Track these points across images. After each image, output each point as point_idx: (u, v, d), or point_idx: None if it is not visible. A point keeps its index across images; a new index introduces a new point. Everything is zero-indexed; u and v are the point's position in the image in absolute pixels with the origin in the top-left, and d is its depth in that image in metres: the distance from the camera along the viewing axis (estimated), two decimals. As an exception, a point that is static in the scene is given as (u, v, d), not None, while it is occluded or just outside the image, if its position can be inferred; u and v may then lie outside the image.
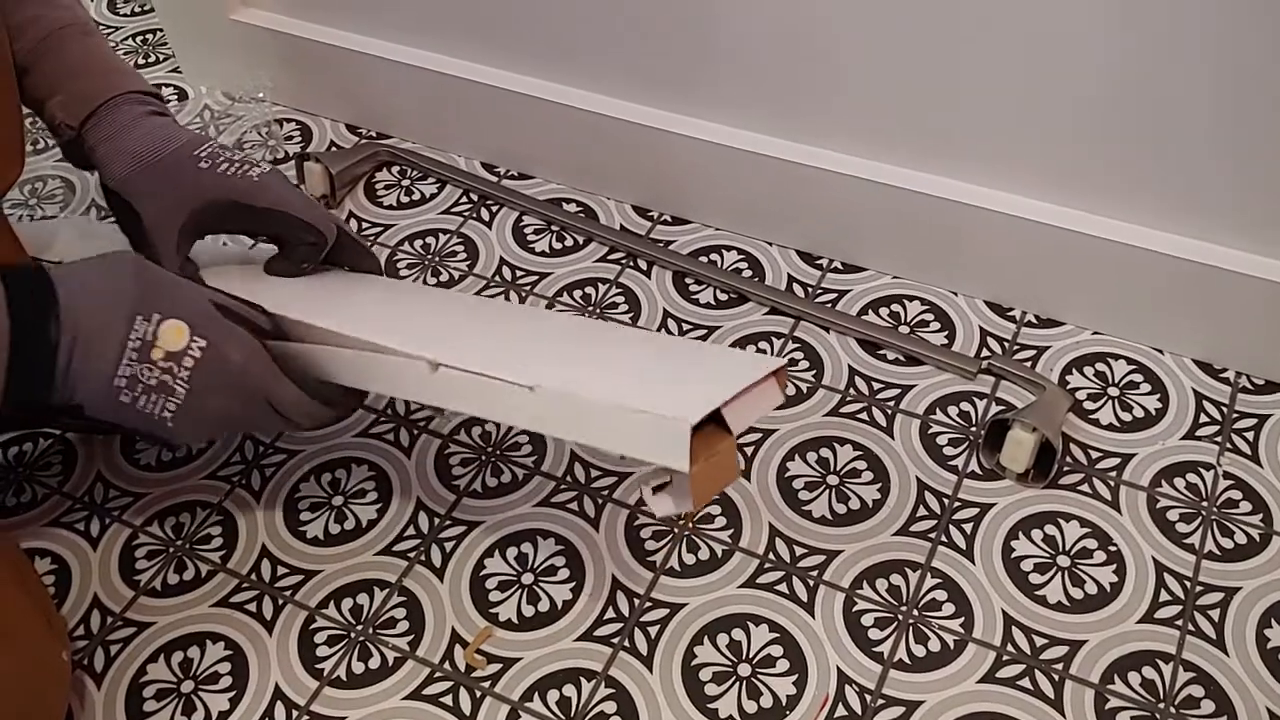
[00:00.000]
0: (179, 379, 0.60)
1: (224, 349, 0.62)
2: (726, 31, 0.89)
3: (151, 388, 0.60)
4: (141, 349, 0.59)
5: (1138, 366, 0.89)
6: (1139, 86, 0.77)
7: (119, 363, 0.59)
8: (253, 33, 1.10)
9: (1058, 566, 0.77)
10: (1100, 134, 0.81)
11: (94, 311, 0.59)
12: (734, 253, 1.00)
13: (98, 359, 0.59)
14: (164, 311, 0.61)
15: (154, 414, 0.61)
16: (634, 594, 0.76)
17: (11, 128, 0.67)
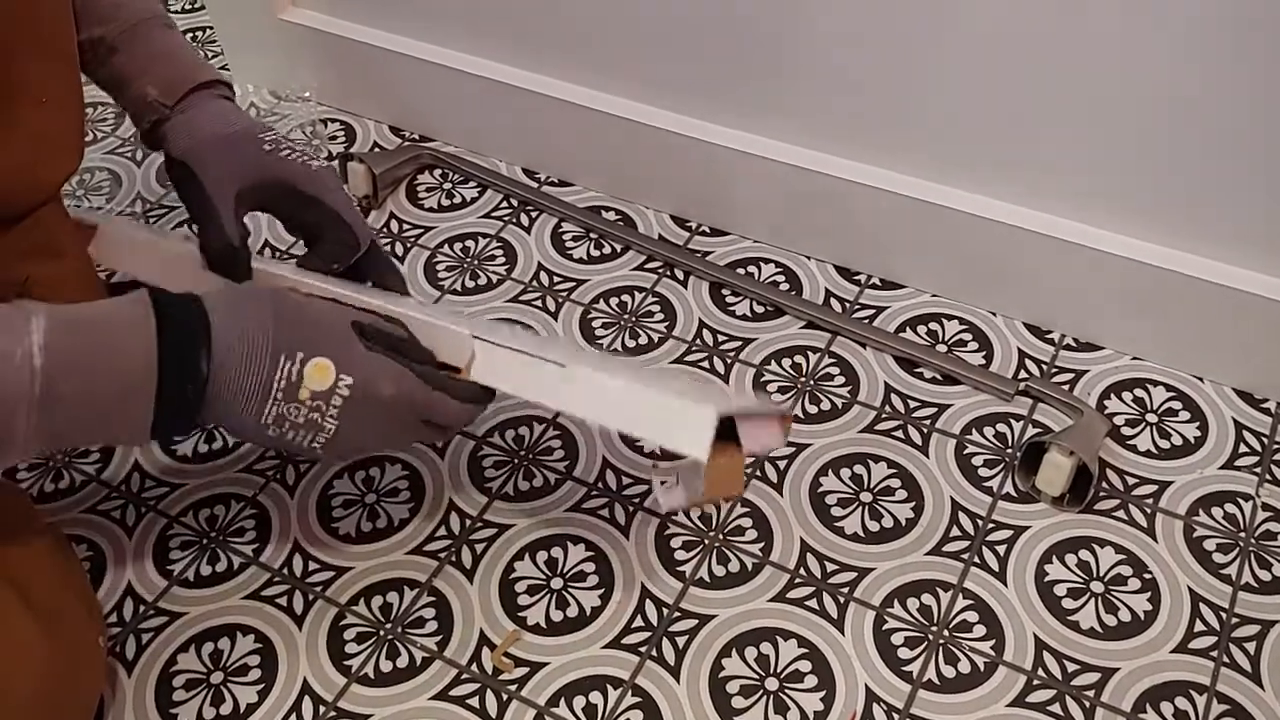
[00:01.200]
0: (328, 416, 0.60)
1: (373, 386, 0.61)
2: (771, 45, 0.89)
3: (299, 425, 0.60)
4: (288, 389, 0.59)
5: (1177, 394, 0.88)
6: (1186, 114, 0.77)
7: (266, 402, 0.58)
8: (301, 33, 1.12)
9: (1091, 592, 0.76)
10: (1145, 160, 0.81)
11: (241, 348, 0.58)
12: (771, 265, 1.00)
13: (245, 397, 0.58)
14: (306, 351, 0.59)
15: (303, 445, 0.61)
16: (663, 603, 0.76)
17: (74, 121, 0.68)
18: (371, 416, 0.62)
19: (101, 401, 0.55)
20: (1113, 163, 0.82)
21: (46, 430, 0.54)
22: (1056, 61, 0.79)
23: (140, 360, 0.56)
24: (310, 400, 0.59)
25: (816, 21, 0.86)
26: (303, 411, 0.59)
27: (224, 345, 0.58)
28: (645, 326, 0.95)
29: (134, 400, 0.56)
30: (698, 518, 0.81)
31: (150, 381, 0.56)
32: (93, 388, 0.55)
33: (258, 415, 0.59)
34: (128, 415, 0.56)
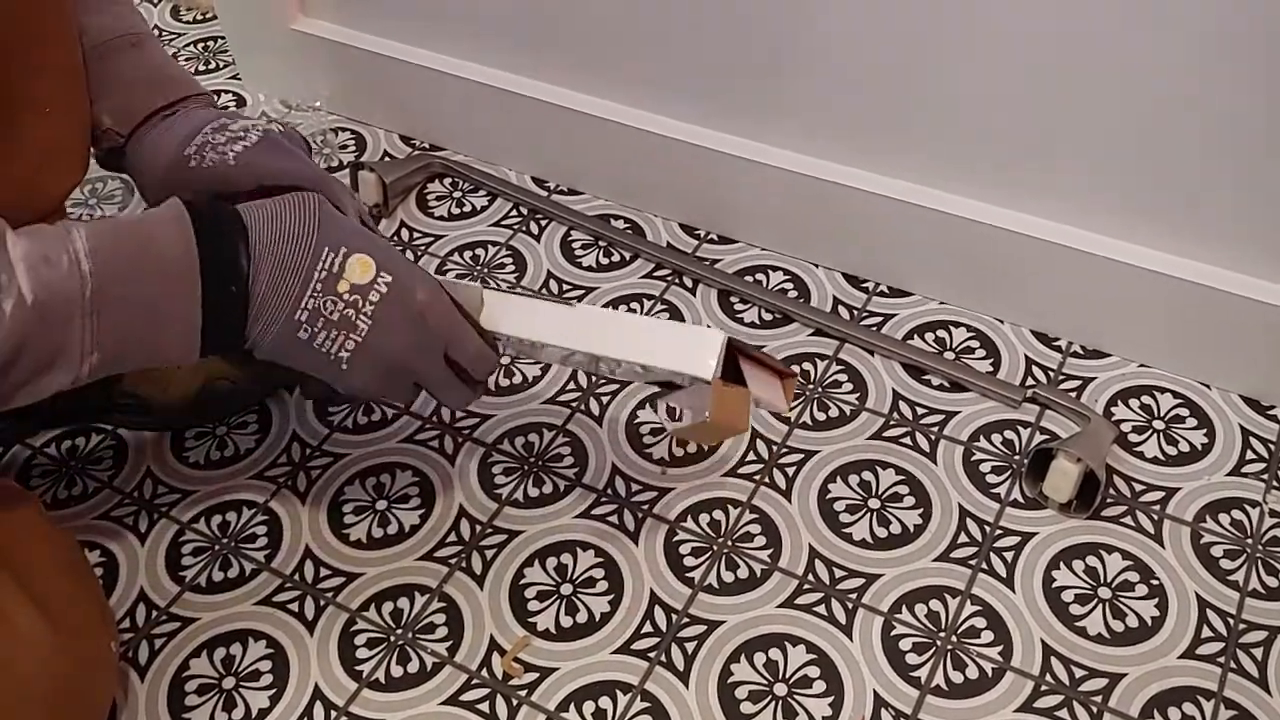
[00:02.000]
0: (363, 313, 0.59)
1: (410, 285, 0.61)
2: (780, 54, 0.90)
3: (334, 322, 0.59)
4: (328, 280, 0.58)
5: (1184, 401, 0.89)
6: (1193, 121, 0.77)
7: (304, 295, 0.58)
8: (312, 43, 1.13)
9: (1099, 598, 0.76)
10: (1152, 167, 0.81)
11: (281, 243, 0.58)
12: (780, 273, 1.00)
13: (283, 292, 0.58)
14: (350, 247, 0.59)
15: (331, 352, 0.59)
16: (672, 609, 0.77)
17: (79, 131, 0.69)
18: (403, 322, 0.61)
19: (149, 303, 0.55)
20: (1121, 170, 0.82)
21: (100, 341, 0.54)
22: (1066, 70, 0.79)
23: (182, 260, 0.55)
24: (349, 294, 0.59)
25: (826, 30, 0.86)
26: (339, 306, 0.58)
27: (262, 243, 0.57)
28: (654, 334, 0.95)
29: (181, 301, 0.56)
30: (706, 524, 0.81)
31: (194, 279, 0.56)
32: (140, 289, 0.55)
33: (293, 309, 0.58)
34: (176, 317, 0.56)
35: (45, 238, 0.54)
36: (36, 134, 0.64)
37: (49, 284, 0.52)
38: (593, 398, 0.90)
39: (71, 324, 0.53)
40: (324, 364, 0.60)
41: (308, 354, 0.60)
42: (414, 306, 0.61)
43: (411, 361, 0.63)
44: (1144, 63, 0.76)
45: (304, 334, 0.59)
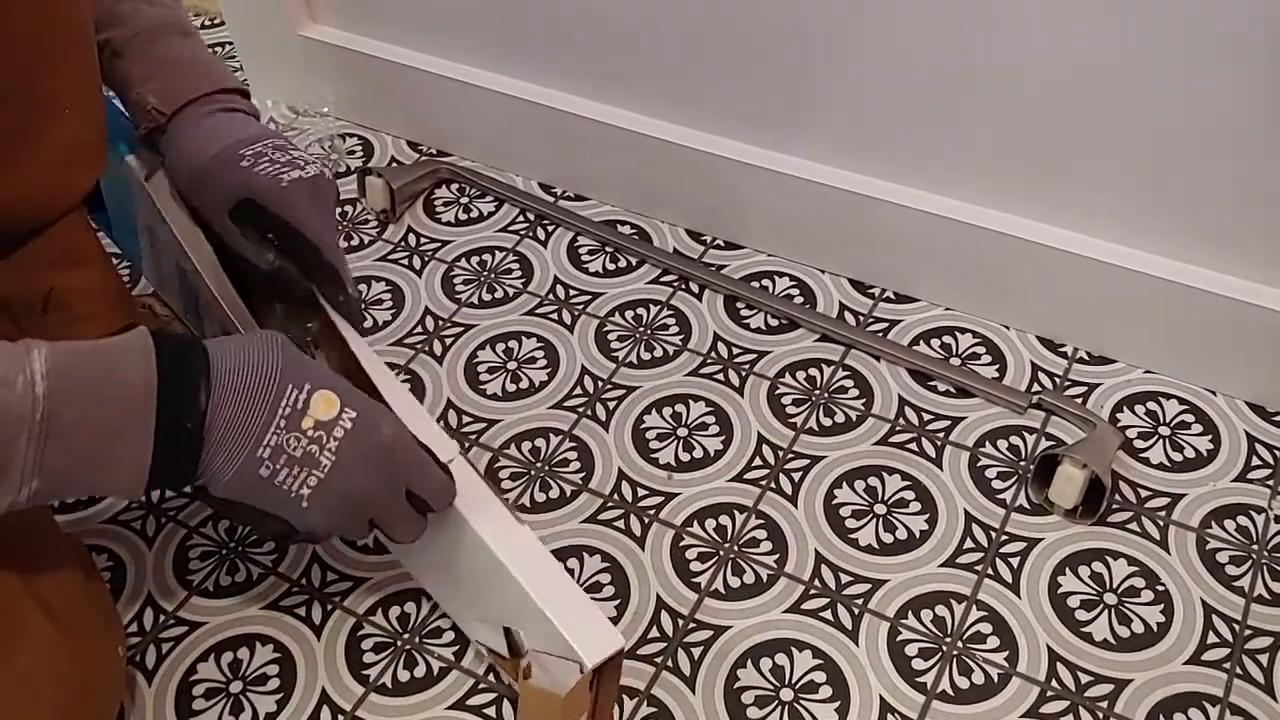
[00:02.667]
0: (326, 449, 0.57)
1: (375, 420, 0.60)
2: (786, 61, 0.90)
3: (296, 459, 0.57)
4: (291, 417, 0.57)
5: (1189, 407, 0.89)
6: (1198, 129, 0.78)
7: (267, 432, 0.56)
8: (320, 49, 1.13)
9: (1104, 604, 0.76)
10: (1158, 175, 0.81)
11: (244, 379, 0.56)
12: (786, 279, 1.01)
13: (245, 428, 0.56)
14: (314, 383, 0.58)
15: (291, 489, 0.58)
16: (678, 614, 0.77)
17: (97, 130, 0.69)
18: (366, 460, 0.59)
19: (101, 433, 0.53)
20: (1127, 176, 0.83)
21: (44, 464, 0.52)
22: (1068, 77, 0.80)
23: (139, 391, 0.54)
24: (313, 430, 0.57)
25: (834, 41, 0.87)
26: (303, 443, 0.57)
27: (225, 380, 0.56)
28: (660, 339, 0.96)
29: (133, 434, 0.54)
30: (712, 529, 0.82)
31: (149, 413, 0.54)
32: (93, 418, 0.53)
33: (255, 446, 0.56)
34: (125, 451, 0.54)
35: (4, 356, 0.52)
36: (56, 134, 0.65)
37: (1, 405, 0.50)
38: (599, 403, 0.91)
39: (15, 445, 0.51)
40: (283, 501, 0.58)
41: (268, 491, 0.58)
42: (380, 442, 0.60)
43: (374, 496, 0.61)
44: (1148, 70, 0.77)
45: (265, 471, 0.57)
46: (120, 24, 0.73)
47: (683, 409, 0.90)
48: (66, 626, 0.62)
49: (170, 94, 0.72)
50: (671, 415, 0.89)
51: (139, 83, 0.72)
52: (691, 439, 0.88)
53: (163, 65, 0.72)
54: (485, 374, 0.93)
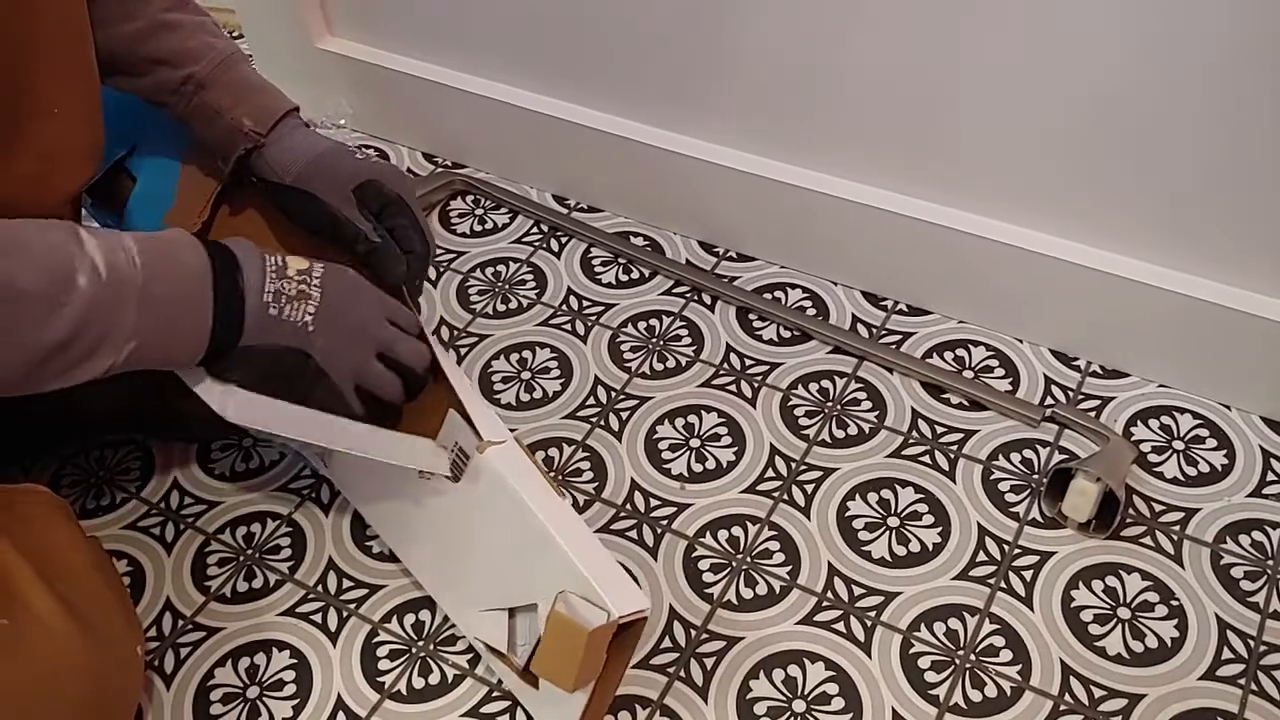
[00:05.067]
0: (313, 285, 0.70)
1: (342, 268, 0.72)
2: (800, 76, 0.91)
3: (292, 297, 0.69)
4: (278, 269, 0.69)
5: (1204, 421, 0.89)
6: (1212, 143, 0.78)
7: (265, 282, 0.68)
8: (337, 61, 1.14)
9: (1118, 618, 0.76)
10: (1171, 189, 0.81)
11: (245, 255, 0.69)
12: (798, 290, 1.01)
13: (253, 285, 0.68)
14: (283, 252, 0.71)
15: (298, 321, 0.69)
16: (691, 625, 0.77)
17: (89, 132, 0.72)
18: (348, 291, 0.72)
19: (179, 301, 0.64)
20: (1140, 189, 0.83)
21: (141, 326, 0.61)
22: (1081, 93, 0.80)
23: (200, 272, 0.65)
24: (297, 275, 0.70)
25: (847, 58, 0.87)
26: (293, 285, 0.69)
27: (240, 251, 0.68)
28: (673, 350, 0.96)
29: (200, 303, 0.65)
30: (725, 540, 0.82)
31: (209, 288, 0.65)
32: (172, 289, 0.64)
33: (261, 294, 0.68)
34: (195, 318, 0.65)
35: (106, 235, 0.62)
36: (44, 134, 0.66)
37: (117, 269, 0.61)
38: (612, 413, 0.91)
39: (127, 308, 0.61)
40: (294, 332, 0.69)
41: (282, 327, 0.68)
42: (352, 276, 0.73)
43: (364, 318, 0.72)
44: (1158, 85, 0.77)
45: (274, 310, 0.68)
46: (197, 59, 0.77)
47: (695, 420, 0.90)
48: (89, 626, 0.63)
49: (261, 116, 0.78)
50: (684, 426, 0.90)
51: (229, 109, 0.77)
52: (704, 450, 0.88)
53: (245, 91, 0.78)
54: (500, 384, 0.94)
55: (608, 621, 0.63)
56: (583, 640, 0.63)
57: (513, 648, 0.70)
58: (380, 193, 0.78)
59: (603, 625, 0.63)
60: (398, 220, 0.79)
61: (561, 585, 0.65)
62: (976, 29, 0.80)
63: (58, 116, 0.67)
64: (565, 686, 0.64)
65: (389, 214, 0.78)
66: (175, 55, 0.76)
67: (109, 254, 0.61)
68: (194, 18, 0.79)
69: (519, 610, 0.70)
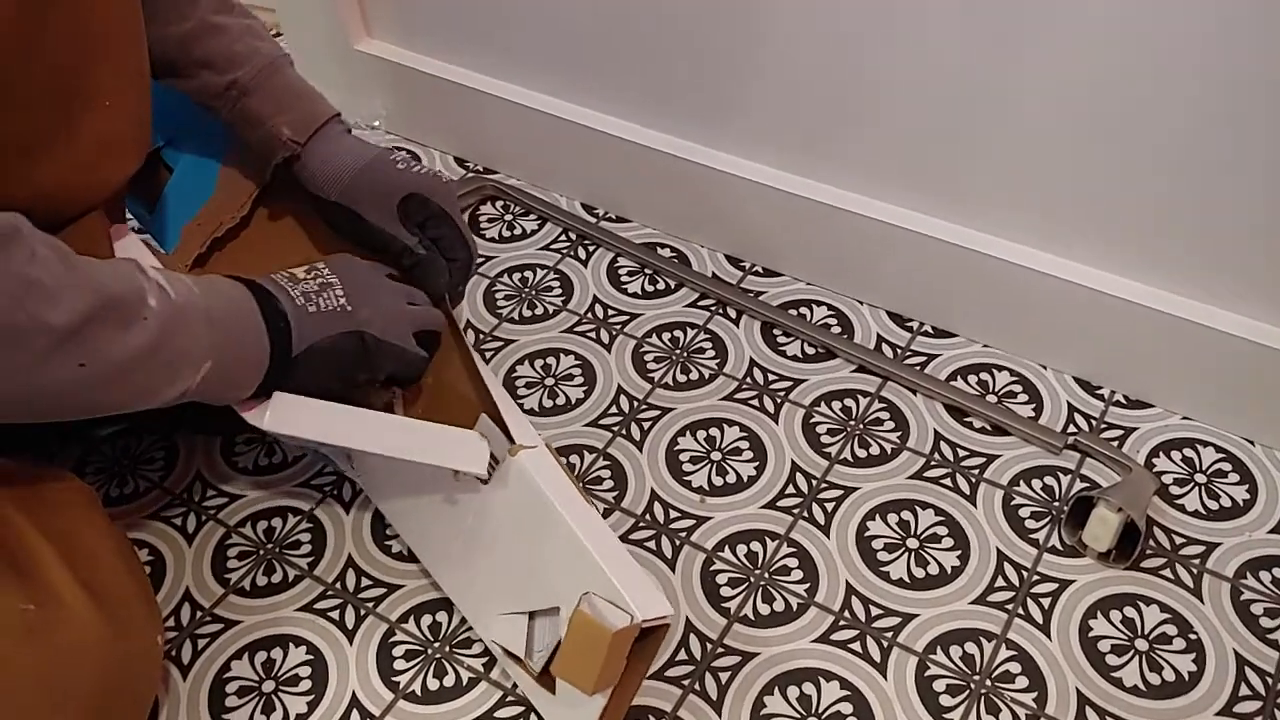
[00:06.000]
0: (327, 275, 0.73)
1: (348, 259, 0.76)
2: (831, 95, 0.91)
3: (317, 291, 0.71)
4: (289, 278, 0.71)
5: (1227, 455, 0.88)
6: (1243, 180, 0.78)
7: (287, 290, 0.70)
8: (374, 63, 1.15)
9: (1135, 650, 0.76)
10: (1201, 223, 0.81)
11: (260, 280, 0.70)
12: (824, 308, 1.01)
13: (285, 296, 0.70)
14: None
15: (336, 307, 0.71)
16: (707, 638, 0.77)
17: (138, 125, 0.73)
18: (355, 266, 0.75)
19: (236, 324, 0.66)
20: (1172, 222, 0.83)
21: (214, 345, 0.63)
22: (1116, 124, 0.80)
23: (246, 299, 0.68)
24: (307, 275, 0.72)
25: (877, 79, 0.87)
26: (312, 282, 0.71)
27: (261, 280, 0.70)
28: (696, 362, 0.97)
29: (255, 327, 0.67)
30: (744, 555, 0.82)
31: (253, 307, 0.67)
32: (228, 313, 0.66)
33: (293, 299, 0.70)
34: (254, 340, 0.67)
35: (161, 270, 0.63)
36: (94, 125, 0.67)
37: (181, 291, 0.62)
38: (634, 422, 0.91)
39: (198, 326, 0.63)
40: (339, 316, 0.71)
41: (324, 320, 0.70)
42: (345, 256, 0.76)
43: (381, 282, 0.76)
44: (1191, 121, 0.77)
45: (312, 308, 0.70)
46: (241, 64, 0.78)
47: (717, 433, 0.91)
48: (110, 615, 0.63)
49: (301, 125, 0.79)
50: (705, 439, 0.90)
51: (270, 116, 0.78)
52: (725, 463, 0.88)
53: (286, 98, 0.79)
54: (523, 389, 0.94)
55: (631, 624, 0.63)
56: (605, 641, 0.63)
57: (530, 652, 0.70)
58: (424, 205, 0.79)
59: (626, 627, 0.63)
60: (441, 231, 0.80)
61: (586, 588, 0.65)
62: (1014, 52, 0.81)
63: (110, 108, 0.68)
64: (585, 688, 0.65)
65: (432, 225, 0.80)
66: (220, 59, 0.77)
67: (170, 279, 0.63)
68: (241, 21, 0.80)
69: (539, 614, 0.70)
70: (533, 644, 0.70)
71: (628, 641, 0.64)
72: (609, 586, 0.64)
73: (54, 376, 0.57)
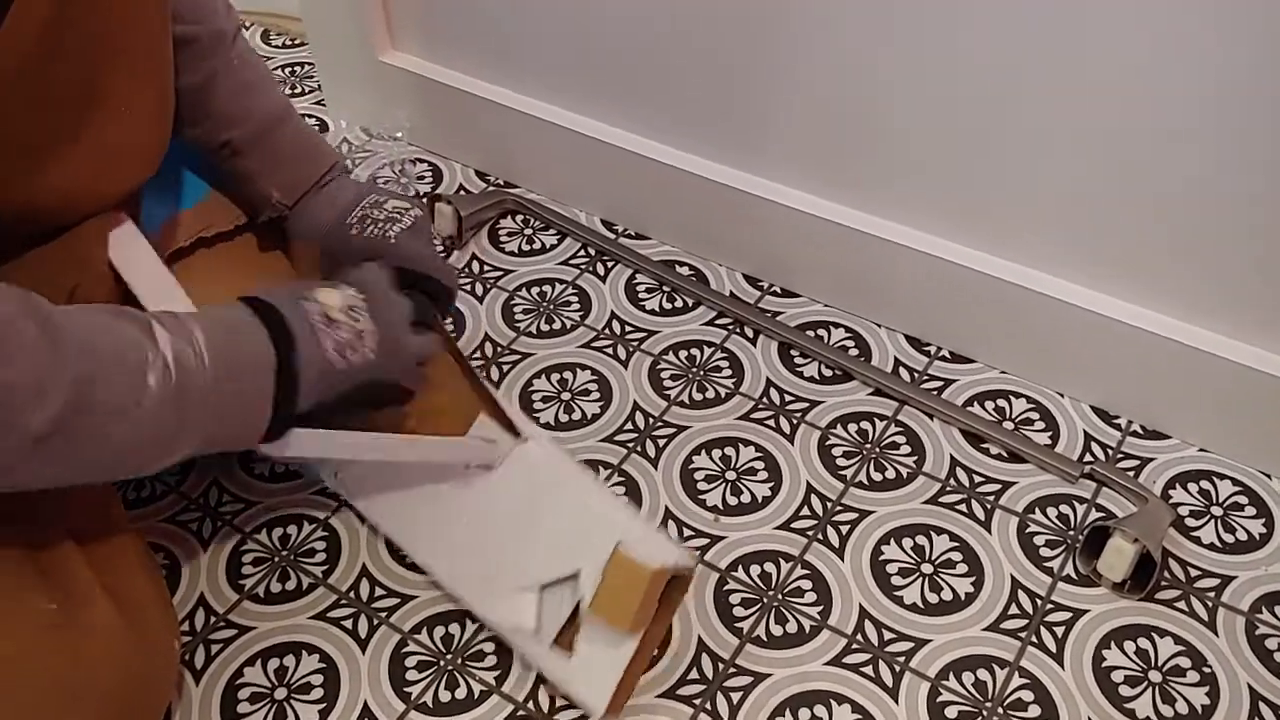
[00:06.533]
0: (363, 319, 0.69)
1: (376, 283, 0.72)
2: (852, 121, 0.91)
3: (350, 341, 0.68)
4: (324, 319, 0.68)
5: (1243, 488, 0.88)
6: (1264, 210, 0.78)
7: (319, 342, 0.67)
8: (398, 75, 1.16)
9: (1149, 681, 0.76)
10: (1225, 255, 0.82)
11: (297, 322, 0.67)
12: (841, 330, 1.01)
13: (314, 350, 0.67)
14: (309, 290, 0.69)
15: (362, 361, 0.69)
16: (719, 658, 0.77)
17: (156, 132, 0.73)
18: (390, 307, 0.72)
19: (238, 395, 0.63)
20: (1189, 256, 0.83)
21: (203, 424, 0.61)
22: (1133, 158, 0.80)
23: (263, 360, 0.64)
24: (345, 317, 0.68)
25: (899, 100, 0.88)
26: (344, 329, 0.68)
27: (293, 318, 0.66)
28: (713, 381, 0.97)
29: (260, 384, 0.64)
30: (757, 576, 0.82)
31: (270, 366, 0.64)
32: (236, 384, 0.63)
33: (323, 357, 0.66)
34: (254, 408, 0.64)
35: (178, 327, 0.61)
36: (112, 131, 0.68)
37: (185, 368, 0.59)
38: (650, 439, 0.92)
39: (193, 408, 0.60)
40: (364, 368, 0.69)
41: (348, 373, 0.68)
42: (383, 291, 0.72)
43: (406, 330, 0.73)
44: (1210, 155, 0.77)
45: (341, 364, 0.67)
46: (238, 124, 0.78)
47: (732, 452, 0.91)
48: (129, 618, 0.64)
49: (290, 187, 0.80)
50: (721, 458, 0.90)
51: (260, 176, 0.79)
52: (740, 483, 0.88)
53: (278, 161, 0.80)
54: (539, 402, 0.95)
55: (666, 565, 0.67)
56: (645, 579, 0.67)
57: (541, 626, 0.72)
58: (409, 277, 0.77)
59: (662, 568, 0.67)
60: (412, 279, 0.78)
61: (615, 539, 0.69)
62: (1039, 81, 0.81)
63: (127, 116, 0.69)
64: (623, 625, 0.68)
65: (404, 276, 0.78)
66: (219, 115, 0.78)
67: (179, 351, 0.59)
68: (244, 77, 0.79)
69: (550, 586, 0.72)
70: (543, 618, 0.73)
71: (660, 584, 0.68)
72: (640, 537, 0.70)
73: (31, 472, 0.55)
